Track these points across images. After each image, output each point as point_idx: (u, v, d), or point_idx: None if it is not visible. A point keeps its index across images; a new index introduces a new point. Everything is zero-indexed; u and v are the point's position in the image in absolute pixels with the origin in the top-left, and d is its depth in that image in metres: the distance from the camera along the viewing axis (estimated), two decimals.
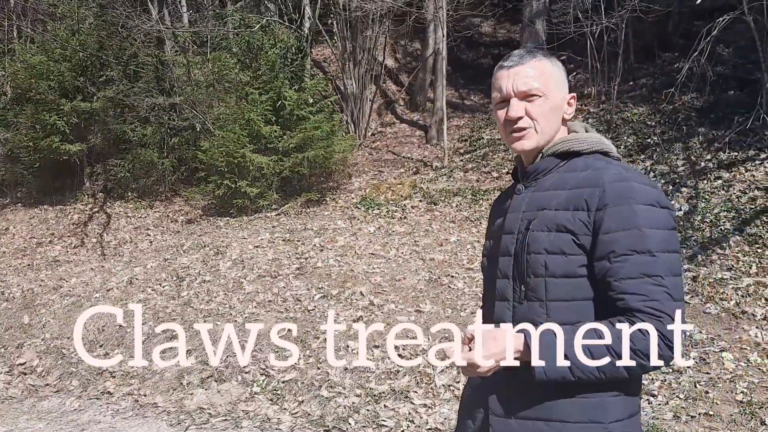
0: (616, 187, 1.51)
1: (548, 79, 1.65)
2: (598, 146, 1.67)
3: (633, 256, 1.46)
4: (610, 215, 1.49)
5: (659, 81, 10.51)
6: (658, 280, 1.44)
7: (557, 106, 1.67)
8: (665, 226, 1.50)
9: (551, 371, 1.47)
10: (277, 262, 6.79)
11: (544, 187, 1.66)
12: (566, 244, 1.53)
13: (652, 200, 1.51)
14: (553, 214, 1.57)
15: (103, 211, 10.01)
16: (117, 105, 10.37)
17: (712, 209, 7.12)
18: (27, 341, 5.72)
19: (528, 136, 1.67)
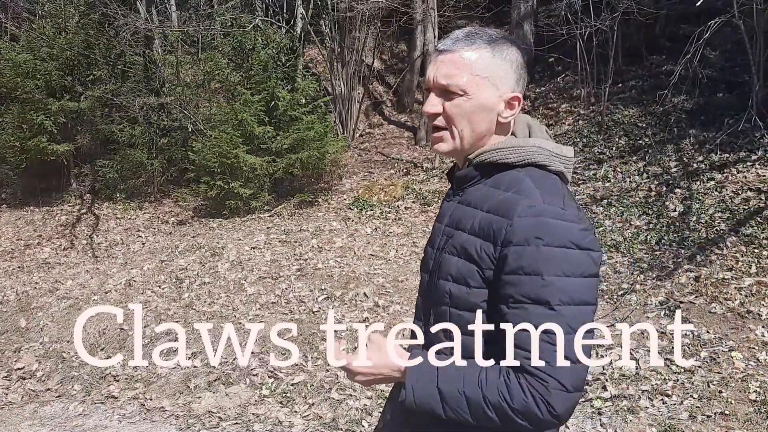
0: (525, 222, 1.31)
1: (479, 75, 1.41)
2: (533, 158, 1.43)
3: (530, 306, 1.28)
4: (514, 255, 1.30)
5: (648, 83, 10.61)
6: (552, 337, 1.26)
7: (485, 107, 1.43)
8: (579, 273, 1.29)
9: (421, 401, 1.36)
10: (277, 264, 6.74)
11: (468, 199, 1.47)
12: (471, 275, 1.37)
13: (567, 241, 1.29)
14: (465, 238, 1.40)
15: (92, 213, 9.87)
16: (105, 105, 10.23)
17: (707, 210, 7.18)
18: (25, 345, 5.60)
19: (444, 139, 1.46)
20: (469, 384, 1.32)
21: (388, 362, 1.43)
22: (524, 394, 1.27)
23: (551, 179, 1.43)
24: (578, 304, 1.29)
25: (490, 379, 1.31)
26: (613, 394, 4.17)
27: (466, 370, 1.35)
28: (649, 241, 6.83)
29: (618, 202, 7.90)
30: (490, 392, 1.30)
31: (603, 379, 4.32)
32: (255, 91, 9.03)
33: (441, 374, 1.36)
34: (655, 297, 5.41)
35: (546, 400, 1.26)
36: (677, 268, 6.04)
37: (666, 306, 5.21)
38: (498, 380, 1.30)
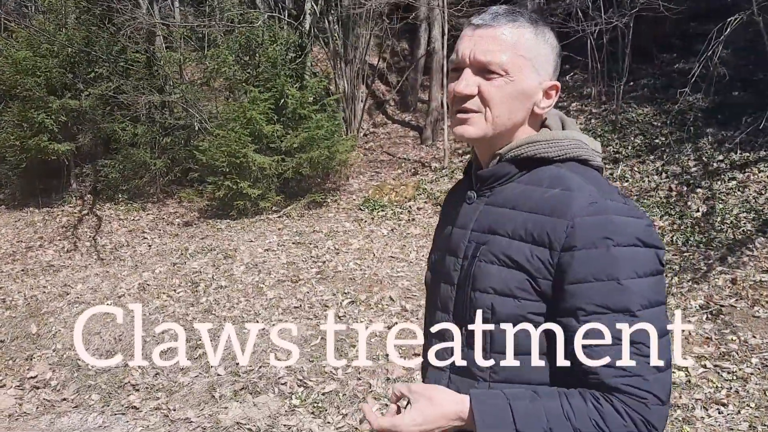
0: (590, 222, 1.15)
1: (523, 55, 1.24)
2: (574, 152, 1.27)
3: (608, 316, 1.12)
4: (580, 260, 1.14)
5: (660, 82, 10.48)
6: (641, 348, 1.11)
7: (525, 93, 1.26)
8: (651, 272, 1.15)
9: None
10: (294, 266, 6.52)
11: (499, 199, 1.29)
12: (520, 285, 1.19)
13: (635, 239, 1.14)
14: (507, 243, 1.22)
15: (93, 214, 9.61)
16: (107, 103, 9.97)
17: (731, 210, 7.04)
18: (37, 352, 5.35)
19: (473, 122, 1.26)
20: (555, 419, 1.12)
21: (446, 411, 1.19)
22: (622, 418, 1.10)
23: (596, 174, 1.28)
24: (656, 306, 1.14)
25: (576, 408, 1.13)
26: None
27: (545, 403, 1.15)
28: (675, 242, 6.67)
29: (638, 202, 7.73)
30: (582, 424, 1.11)
31: None
32: (263, 89, 8.80)
33: (516, 412, 1.14)
34: (694, 300, 5.23)
35: (646, 419, 1.10)
36: (710, 270, 5.87)
37: (708, 310, 5.03)
38: (587, 408, 1.12)
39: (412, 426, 1.18)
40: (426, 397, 1.20)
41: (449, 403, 1.19)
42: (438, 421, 1.19)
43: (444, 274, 1.36)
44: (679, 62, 10.75)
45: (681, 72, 10.47)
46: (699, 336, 4.69)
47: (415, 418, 1.19)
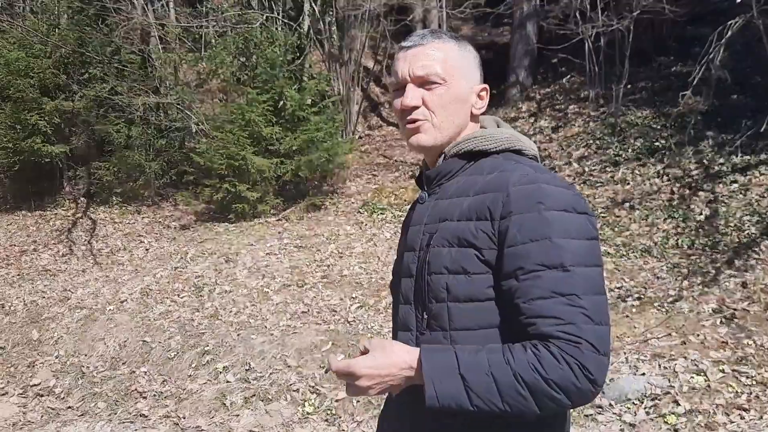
0: (523, 190, 1.27)
1: (453, 65, 1.41)
2: (508, 144, 1.43)
3: (544, 272, 1.22)
4: (516, 224, 1.24)
5: (658, 85, 10.48)
6: (574, 299, 1.20)
7: (462, 97, 1.43)
8: (583, 235, 1.25)
9: (444, 395, 1.21)
10: (298, 270, 6.43)
11: (447, 193, 1.41)
12: (469, 260, 1.29)
13: (567, 205, 1.26)
14: (455, 226, 1.33)
15: (88, 217, 9.45)
16: (101, 105, 9.82)
17: (734, 213, 7.03)
18: (39, 359, 5.23)
19: (424, 130, 1.41)
20: (496, 365, 1.20)
21: (396, 359, 1.27)
22: (558, 361, 1.17)
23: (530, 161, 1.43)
24: (590, 266, 1.24)
25: (517, 356, 1.20)
26: (686, 409, 3.94)
27: (488, 353, 1.23)
28: (681, 245, 6.65)
29: (641, 205, 7.72)
30: (521, 368, 1.19)
31: (672, 392, 4.09)
32: (262, 91, 8.70)
33: (462, 361, 1.22)
34: (707, 304, 5.20)
35: (581, 364, 1.17)
36: (719, 274, 5.85)
37: (721, 314, 5.00)
38: (526, 354, 1.20)
39: (363, 368, 1.26)
40: (381, 347, 1.30)
41: (401, 353, 1.28)
42: (389, 368, 1.26)
43: (404, 270, 1.46)
44: (676, 65, 10.77)
45: (679, 75, 10.49)
46: (714, 340, 4.65)
47: (368, 362, 1.27)
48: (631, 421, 3.91)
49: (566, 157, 9.54)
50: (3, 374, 5.12)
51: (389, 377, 1.27)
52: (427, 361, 1.24)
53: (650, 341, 4.73)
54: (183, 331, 5.37)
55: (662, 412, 3.94)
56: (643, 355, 4.54)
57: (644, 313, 5.18)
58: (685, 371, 4.30)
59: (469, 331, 1.31)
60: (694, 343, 4.65)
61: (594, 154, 9.39)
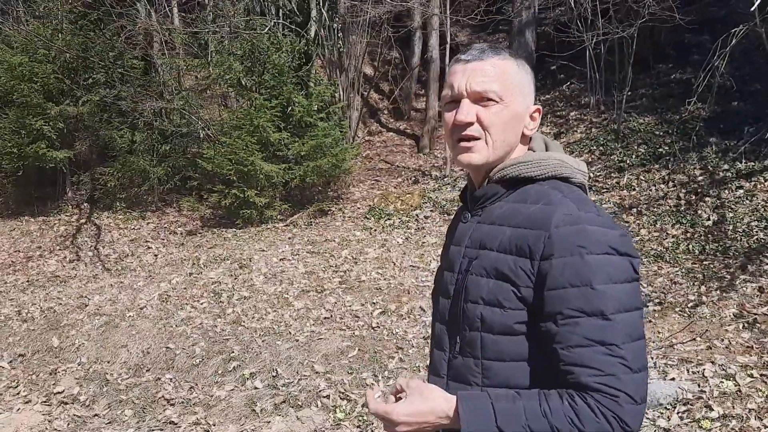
0: (565, 232, 1.26)
1: (511, 83, 1.39)
2: (555, 171, 1.40)
3: (584, 319, 1.22)
4: (557, 268, 1.25)
5: (658, 91, 10.60)
6: (614, 349, 1.21)
7: (517, 116, 1.40)
8: (624, 279, 1.26)
9: None
10: (315, 276, 6.44)
11: (490, 217, 1.41)
12: (506, 295, 1.30)
13: (608, 248, 1.25)
14: (495, 257, 1.34)
15: (92, 223, 9.40)
16: (104, 110, 9.77)
17: (741, 219, 7.12)
18: (61, 366, 5.19)
19: (477, 149, 1.40)
20: (533, 417, 1.22)
21: (435, 407, 1.30)
22: (595, 415, 1.19)
23: (577, 191, 1.40)
24: (630, 311, 1.25)
25: (554, 407, 1.22)
26: (719, 414, 3.99)
27: (524, 403, 1.24)
28: (692, 251, 6.73)
29: (648, 210, 7.80)
30: (558, 421, 1.20)
31: (705, 398, 4.14)
32: (270, 96, 8.70)
33: (498, 412, 1.24)
34: (727, 309, 5.27)
35: (618, 417, 1.19)
36: (734, 279, 5.93)
37: (743, 319, 5.07)
38: (563, 406, 1.21)
39: (402, 415, 1.29)
40: (419, 392, 1.31)
41: (439, 400, 1.30)
42: (426, 416, 1.29)
43: (443, 289, 1.47)
44: (676, 72, 10.91)
45: (679, 82, 10.63)
46: (739, 345, 4.72)
47: (407, 408, 1.29)
48: (665, 426, 3.95)
49: None
50: (25, 381, 5.08)
51: (426, 424, 1.30)
52: (465, 411, 1.25)
53: (676, 346, 4.79)
54: (206, 337, 5.35)
55: (696, 417, 3.99)
56: (671, 360, 4.59)
57: (667, 317, 5.24)
58: (714, 376, 4.35)
59: (501, 362, 1.33)
60: (719, 347, 4.72)
61: (598, 159, 9.47)
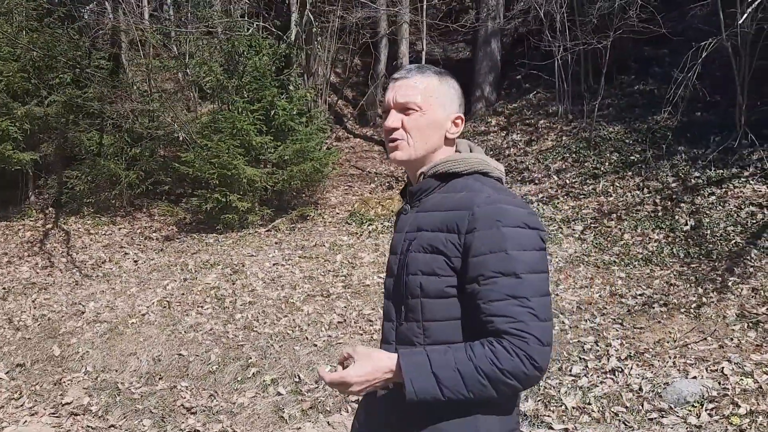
0: (485, 209, 1.53)
1: (430, 95, 1.68)
2: (477, 167, 1.69)
3: (500, 279, 1.49)
4: (479, 238, 1.51)
5: (623, 102, 10.94)
6: (524, 301, 1.48)
7: (436, 122, 1.69)
8: (532, 247, 1.54)
9: (420, 390, 1.47)
10: (316, 281, 6.37)
11: (425, 207, 1.67)
12: (440, 264, 1.56)
13: (520, 222, 1.53)
14: (430, 235, 1.59)
15: (60, 228, 9.03)
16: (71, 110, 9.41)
17: (717, 224, 7.41)
18: (66, 376, 4.96)
19: (400, 147, 1.69)
20: (460, 361, 1.47)
21: (380, 365, 1.52)
22: (509, 353, 1.45)
23: (493, 182, 1.69)
24: (537, 272, 1.52)
25: (477, 352, 1.47)
26: (748, 410, 4.15)
27: (454, 352, 1.49)
28: (677, 255, 6.96)
29: (628, 216, 8.03)
30: (481, 362, 1.45)
31: (730, 395, 4.29)
32: (252, 100, 8.57)
33: (433, 361, 1.48)
34: (729, 310, 5.48)
35: (528, 355, 1.44)
36: (726, 281, 6.16)
37: (747, 320, 5.28)
38: (484, 350, 1.46)
39: (354, 377, 1.51)
40: (366, 356, 1.54)
41: (383, 359, 1.53)
42: (375, 373, 1.52)
43: (390, 270, 1.73)
44: (639, 84, 11.28)
45: (642, 93, 11.01)
46: (749, 344, 4.91)
47: (357, 370, 1.52)
48: (696, 423, 4.07)
49: (545, 170, 9.83)
50: (27, 392, 4.83)
51: (375, 380, 1.52)
52: (405, 364, 1.48)
53: (689, 346, 4.94)
54: (220, 343, 5.22)
55: (725, 414, 4.13)
56: (689, 359, 4.74)
57: (674, 318, 5.41)
58: (733, 374, 4.51)
59: (438, 321, 1.58)
60: (730, 346, 4.90)
61: (571, 167, 9.71)
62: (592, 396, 4.43)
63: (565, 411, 4.32)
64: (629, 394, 4.42)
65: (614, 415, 4.23)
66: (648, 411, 4.25)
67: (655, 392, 4.41)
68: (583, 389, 4.52)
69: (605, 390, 4.48)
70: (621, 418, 4.20)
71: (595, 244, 7.53)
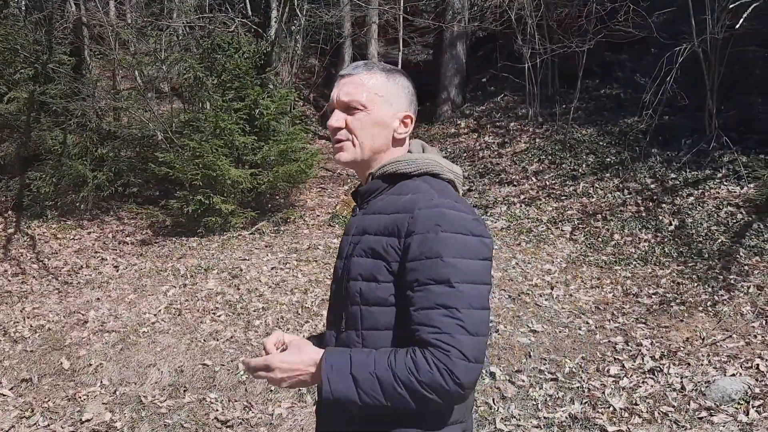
0: (426, 213, 1.46)
1: (376, 94, 1.60)
2: (427, 167, 1.61)
3: (432, 286, 1.42)
4: (416, 242, 1.44)
5: (590, 105, 11.16)
6: (454, 312, 1.40)
7: (381, 122, 1.61)
8: (473, 256, 1.45)
9: (336, 390, 1.42)
10: (324, 285, 6.17)
11: (372, 209, 1.60)
12: (379, 270, 1.49)
13: (463, 228, 1.46)
14: (372, 239, 1.53)
15: (23, 233, 8.48)
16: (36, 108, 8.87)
17: (700, 224, 7.62)
18: (80, 391, 4.61)
19: (345, 148, 1.62)
20: (380, 366, 1.40)
21: (305, 358, 1.47)
22: (429, 365, 1.36)
23: (444, 185, 1.61)
24: (476, 283, 1.43)
25: (398, 358, 1.40)
26: None
27: (376, 355, 1.43)
28: (670, 254, 7.11)
29: (613, 216, 8.16)
30: (399, 370, 1.38)
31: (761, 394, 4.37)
32: (235, 98, 8.28)
33: (354, 362, 1.43)
34: (743, 307, 5.61)
35: (449, 369, 1.36)
36: (727, 280, 6.31)
37: (765, 317, 5.41)
38: (405, 358, 1.39)
39: (278, 361, 1.47)
40: (296, 347, 1.51)
41: (310, 353, 1.48)
42: (298, 365, 1.46)
43: (334, 274, 1.66)
44: (604, 88, 11.53)
45: (609, 97, 11.26)
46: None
47: (283, 357, 1.48)
48: (746, 420, 4.12)
49: (522, 172, 9.90)
50: (40, 409, 4.46)
51: (298, 372, 1.47)
52: (325, 361, 1.44)
53: (718, 343, 5.03)
54: (244, 351, 4.97)
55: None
56: (722, 357, 4.82)
57: (694, 316, 5.50)
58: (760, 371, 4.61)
59: (377, 331, 1.50)
60: (756, 343, 5.01)
61: (548, 168, 9.82)
62: (637, 396, 4.43)
63: (614, 413, 4.30)
64: (673, 394, 4.45)
65: (664, 415, 4.24)
66: (695, 410, 4.28)
67: (699, 391, 4.46)
68: (626, 390, 4.52)
69: (649, 390, 4.50)
70: (671, 418, 4.21)
71: (587, 245, 7.61)
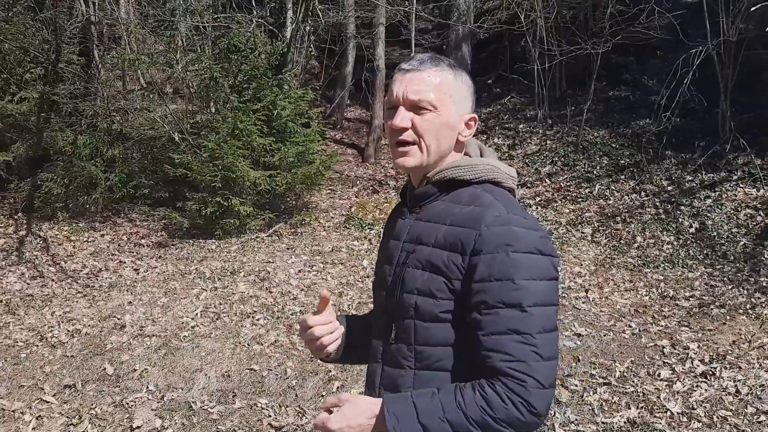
0: (494, 231, 1.38)
1: (446, 92, 1.50)
2: (488, 175, 1.53)
3: (503, 310, 1.35)
4: (485, 263, 1.37)
5: (599, 107, 11.18)
6: (528, 338, 1.34)
7: (451, 124, 1.51)
8: (543, 277, 1.39)
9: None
10: (357, 287, 6.12)
11: (427, 216, 1.53)
12: (438, 286, 1.43)
13: (532, 247, 1.39)
14: (429, 251, 1.46)
15: (36, 235, 8.31)
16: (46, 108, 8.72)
17: (721, 226, 7.65)
18: (127, 397, 4.49)
19: (411, 153, 1.51)
20: (449, 409, 1.33)
21: (364, 411, 1.41)
22: (502, 400, 1.31)
23: (507, 195, 1.53)
24: (546, 305, 1.38)
25: (467, 397, 1.33)
26: None
27: (441, 397, 1.36)
28: (695, 256, 7.12)
29: (633, 218, 8.17)
30: (471, 410, 1.32)
31: None
32: (252, 98, 8.19)
33: (420, 410, 1.36)
34: None
35: (525, 400, 1.31)
36: (759, 282, 6.32)
37: None
38: (475, 396, 1.33)
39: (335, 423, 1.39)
40: (350, 402, 1.42)
41: (367, 404, 1.40)
42: (357, 419, 1.39)
43: (382, 280, 1.59)
44: (612, 90, 11.56)
45: (618, 99, 11.30)
46: None
47: (339, 416, 1.40)
48: None
49: (535, 174, 9.90)
50: (88, 416, 4.34)
51: (359, 426, 1.39)
52: (389, 414, 1.36)
53: (765, 347, 5.03)
54: (291, 356, 4.88)
55: None
56: None
57: (736, 319, 5.51)
58: None
59: (430, 347, 1.45)
60: None
61: (561, 171, 9.82)
62: (693, 401, 4.40)
63: (672, 417, 4.27)
64: (729, 398, 4.43)
65: (723, 420, 4.22)
66: (753, 414, 4.26)
67: (754, 394, 4.44)
68: (681, 394, 4.49)
69: (704, 394, 4.47)
70: (730, 422, 4.18)
71: (611, 247, 7.61)
